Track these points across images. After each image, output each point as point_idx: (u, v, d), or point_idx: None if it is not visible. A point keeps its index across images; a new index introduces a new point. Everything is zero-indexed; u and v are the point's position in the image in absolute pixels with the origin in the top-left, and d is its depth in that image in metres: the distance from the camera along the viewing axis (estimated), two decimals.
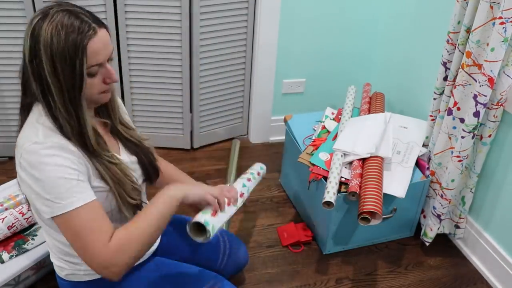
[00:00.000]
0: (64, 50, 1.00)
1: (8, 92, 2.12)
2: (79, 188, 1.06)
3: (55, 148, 1.05)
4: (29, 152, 1.04)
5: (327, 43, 2.42)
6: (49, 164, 1.04)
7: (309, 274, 1.80)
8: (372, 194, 1.61)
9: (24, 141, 1.06)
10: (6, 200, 1.69)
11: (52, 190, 1.04)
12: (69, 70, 1.02)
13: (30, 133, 1.07)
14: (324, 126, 2.03)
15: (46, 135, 1.06)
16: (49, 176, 1.03)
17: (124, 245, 1.07)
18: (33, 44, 1.01)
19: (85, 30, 1.02)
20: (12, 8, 1.93)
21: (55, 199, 1.04)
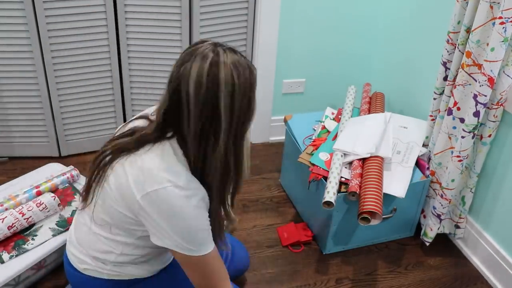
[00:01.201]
0: (245, 83, 1.03)
1: (8, 93, 2.12)
2: (209, 237, 1.13)
3: (196, 198, 1.07)
4: (170, 194, 1.05)
5: (327, 43, 2.42)
6: (188, 214, 1.06)
7: (309, 274, 1.80)
8: (372, 194, 1.61)
9: (163, 178, 1.05)
10: (6, 200, 1.69)
11: (185, 235, 1.09)
12: (247, 102, 1.05)
13: (171, 170, 1.06)
14: (324, 126, 2.03)
15: (188, 180, 1.07)
16: (185, 224, 1.07)
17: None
18: (211, 83, 1.00)
19: (252, 68, 1.06)
20: (12, 8, 1.93)
21: (186, 242, 1.09)
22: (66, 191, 1.83)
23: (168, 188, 1.05)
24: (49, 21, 1.98)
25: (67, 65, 2.11)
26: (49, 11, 1.96)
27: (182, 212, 1.06)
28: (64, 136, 2.28)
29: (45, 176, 1.87)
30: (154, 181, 1.06)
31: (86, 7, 2.00)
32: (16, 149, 2.27)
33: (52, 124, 2.23)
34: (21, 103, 2.15)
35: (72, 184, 1.88)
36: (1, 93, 2.11)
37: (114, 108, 2.29)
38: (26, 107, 2.17)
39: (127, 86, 2.25)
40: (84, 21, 2.03)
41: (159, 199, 1.05)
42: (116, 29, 2.10)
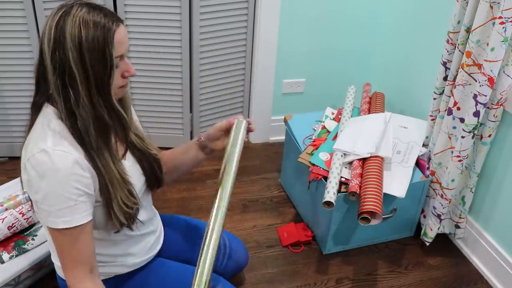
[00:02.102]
0: (94, 39, 1.00)
1: (8, 92, 2.12)
2: (76, 210, 1.07)
3: (62, 160, 1.04)
4: (37, 160, 1.03)
5: (327, 43, 2.42)
6: (53, 178, 1.03)
7: (309, 274, 1.80)
8: (372, 194, 1.61)
9: (32, 146, 1.06)
10: (6, 200, 1.69)
11: (51, 203, 1.05)
12: (98, 59, 1.02)
13: (39, 137, 1.06)
14: (324, 126, 2.03)
15: (55, 143, 1.04)
16: (51, 191, 1.04)
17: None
18: (58, 35, 1.00)
19: (110, 22, 1.03)
20: (12, 8, 1.93)
21: (50, 212, 1.06)
22: None
23: (37, 154, 1.04)
24: None
25: None
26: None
27: (47, 176, 1.03)
28: None
29: None
30: (27, 152, 1.06)
31: None
32: (16, 149, 2.27)
33: None
34: (21, 103, 2.15)
35: None
36: (1, 93, 2.11)
37: None
38: (26, 107, 2.15)
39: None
40: None
41: (30, 167, 1.04)
42: None
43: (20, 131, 2.22)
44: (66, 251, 1.10)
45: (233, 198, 2.14)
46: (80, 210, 1.08)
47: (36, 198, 1.06)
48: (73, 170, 1.04)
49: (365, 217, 1.61)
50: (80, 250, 1.11)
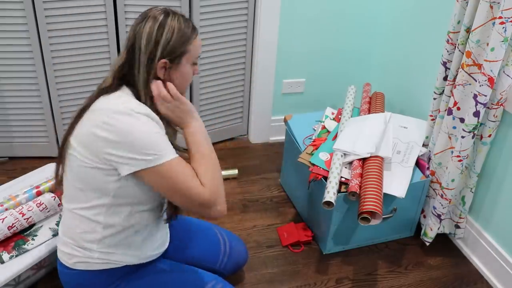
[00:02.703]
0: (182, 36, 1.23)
1: (8, 93, 2.12)
2: (167, 143, 1.20)
3: (145, 115, 1.18)
4: (121, 113, 1.16)
5: (327, 43, 2.42)
6: (142, 123, 1.16)
7: (309, 274, 1.80)
8: (372, 194, 1.61)
9: (113, 105, 1.18)
10: (6, 200, 1.69)
11: (146, 145, 1.16)
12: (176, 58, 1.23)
13: (119, 101, 1.19)
14: (324, 126, 2.03)
15: (138, 104, 1.20)
16: (144, 131, 1.16)
17: (215, 183, 1.24)
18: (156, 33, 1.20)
19: (194, 27, 1.28)
20: (12, 8, 1.93)
21: (149, 153, 1.16)
22: None
23: (119, 108, 1.17)
24: (49, 21, 1.98)
25: (67, 65, 2.11)
26: (49, 11, 1.96)
27: (135, 125, 1.15)
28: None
29: (45, 176, 1.87)
30: (106, 110, 1.18)
31: (86, 7, 2.00)
32: (16, 149, 2.27)
33: (52, 124, 2.23)
34: (21, 103, 2.15)
35: None
36: (1, 93, 2.11)
37: None
38: (26, 107, 2.17)
39: None
40: (84, 21, 2.03)
41: (114, 121, 1.15)
42: (116, 29, 2.10)
43: (20, 131, 2.22)
44: (182, 177, 1.20)
45: (233, 198, 2.14)
46: (169, 143, 1.22)
47: (126, 147, 1.15)
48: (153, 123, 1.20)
49: (365, 217, 1.60)
50: (187, 167, 1.23)
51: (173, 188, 1.20)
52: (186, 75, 1.28)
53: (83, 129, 1.21)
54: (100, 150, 1.17)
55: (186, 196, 1.21)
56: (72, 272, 1.33)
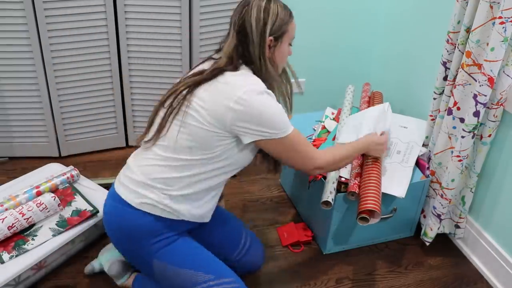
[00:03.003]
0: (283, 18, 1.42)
1: (8, 93, 2.12)
2: (287, 118, 1.40)
3: (271, 94, 1.38)
4: (256, 91, 1.33)
5: (327, 44, 2.42)
6: (272, 102, 1.36)
7: (309, 274, 1.80)
8: (371, 193, 1.61)
9: (246, 83, 1.35)
10: (6, 200, 1.70)
11: (278, 117, 1.36)
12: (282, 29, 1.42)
13: (249, 79, 1.37)
14: (324, 126, 2.03)
15: (264, 86, 1.38)
16: (274, 108, 1.36)
17: (335, 159, 1.52)
18: (263, 16, 1.38)
19: (290, 12, 1.47)
20: (12, 8, 1.93)
21: (277, 128, 1.36)
22: (66, 191, 1.83)
23: (251, 87, 1.34)
24: (49, 21, 1.99)
25: (67, 65, 2.11)
26: (49, 11, 1.97)
27: (266, 104, 1.34)
28: (64, 136, 2.28)
29: (45, 176, 1.88)
30: (240, 86, 1.33)
31: (86, 7, 2.00)
32: (16, 149, 2.27)
33: (52, 124, 2.23)
34: (21, 103, 2.15)
35: (72, 184, 1.88)
36: (1, 93, 2.11)
37: (114, 108, 2.29)
38: (26, 107, 2.17)
39: (127, 86, 2.25)
40: (84, 21, 2.03)
41: (248, 97, 1.32)
42: (116, 29, 2.10)
43: (20, 131, 2.23)
44: (301, 146, 1.43)
45: (233, 198, 2.14)
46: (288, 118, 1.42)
47: (256, 121, 1.33)
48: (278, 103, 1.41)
49: (363, 217, 1.61)
50: (304, 138, 1.45)
51: (292, 154, 1.43)
52: (285, 53, 1.47)
53: (213, 98, 1.35)
54: (230, 121, 1.33)
55: (302, 160, 1.44)
56: (132, 211, 1.42)
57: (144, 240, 1.43)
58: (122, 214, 1.44)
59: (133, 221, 1.42)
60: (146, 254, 1.45)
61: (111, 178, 2.08)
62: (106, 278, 1.70)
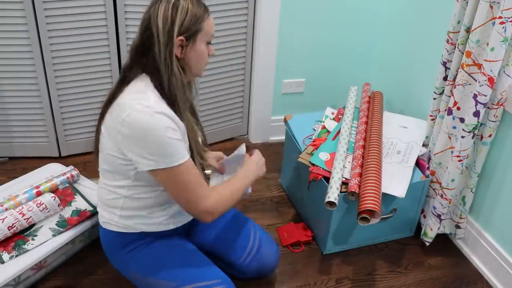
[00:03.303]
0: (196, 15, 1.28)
1: (8, 93, 2.12)
2: (182, 147, 1.28)
3: (162, 114, 1.24)
4: (141, 113, 1.22)
5: (327, 43, 2.42)
6: (157, 126, 1.22)
7: (309, 274, 1.80)
8: (371, 193, 1.61)
9: (134, 102, 1.24)
10: (6, 200, 1.69)
11: (158, 149, 1.24)
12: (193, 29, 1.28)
13: (141, 97, 1.25)
14: (324, 126, 2.03)
15: (156, 102, 1.25)
16: (159, 135, 1.22)
17: (224, 200, 1.37)
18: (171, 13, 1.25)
19: (205, 6, 1.32)
20: (12, 8, 1.93)
21: (160, 155, 1.24)
22: (66, 191, 1.83)
23: (138, 107, 1.23)
24: (49, 21, 1.99)
25: (67, 65, 2.11)
26: (49, 11, 1.97)
27: (153, 127, 1.22)
28: (64, 136, 2.28)
29: (45, 176, 1.88)
30: (127, 107, 1.24)
31: (86, 7, 2.00)
32: (16, 149, 2.27)
33: (52, 124, 2.23)
34: (21, 103, 2.15)
35: (72, 184, 1.88)
36: (1, 93, 2.11)
37: None
38: (26, 107, 2.17)
39: None
40: (84, 21, 2.03)
41: (132, 120, 1.23)
42: (116, 29, 2.10)
43: (20, 131, 2.22)
44: (188, 185, 1.30)
45: None
46: (184, 147, 1.30)
47: (142, 146, 1.24)
48: (170, 125, 1.25)
49: (364, 217, 1.60)
50: (196, 175, 1.32)
51: (179, 189, 1.31)
52: (201, 54, 1.33)
53: (108, 121, 1.31)
54: (121, 144, 1.28)
55: (190, 198, 1.32)
56: (101, 229, 1.52)
57: (117, 252, 1.50)
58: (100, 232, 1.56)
59: (104, 237, 1.53)
60: (123, 266, 1.51)
61: None
62: (106, 278, 1.70)
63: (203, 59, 1.35)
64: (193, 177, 1.30)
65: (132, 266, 1.48)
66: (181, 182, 1.29)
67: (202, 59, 1.35)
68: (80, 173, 1.94)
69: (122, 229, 1.47)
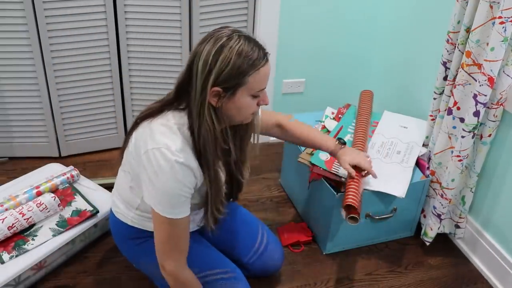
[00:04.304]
0: (239, 68, 1.15)
1: (8, 93, 2.12)
2: (184, 204, 1.26)
3: (183, 165, 1.20)
4: (162, 155, 1.18)
5: (327, 43, 2.42)
6: (171, 176, 1.19)
7: (309, 274, 1.80)
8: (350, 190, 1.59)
9: (162, 141, 1.20)
10: (6, 200, 1.70)
11: (163, 195, 1.22)
12: (235, 80, 1.16)
13: (168, 136, 1.21)
14: (324, 125, 2.03)
15: (182, 149, 1.20)
16: (166, 185, 1.20)
17: (184, 283, 1.34)
18: (211, 59, 1.13)
19: (260, 57, 1.19)
20: (12, 8, 1.93)
21: (161, 201, 1.23)
22: (66, 191, 1.83)
23: (162, 150, 1.19)
24: (49, 21, 1.99)
25: (67, 65, 2.11)
26: (49, 11, 1.97)
27: (167, 172, 1.19)
28: (64, 136, 2.28)
29: (45, 176, 1.88)
30: (154, 141, 1.20)
31: (86, 7, 2.00)
32: (16, 149, 2.27)
33: (52, 124, 2.23)
34: (21, 103, 2.15)
35: (72, 184, 1.88)
36: (1, 93, 2.11)
37: (114, 108, 2.29)
38: (26, 107, 2.17)
39: (127, 86, 2.25)
40: (84, 21, 2.03)
41: (152, 157, 1.20)
42: (116, 29, 2.10)
43: (20, 131, 2.23)
44: (171, 239, 1.27)
45: None
46: (188, 204, 1.27)
47: (149, 182, 1.23)
48: (189, 173, 1.21)
49: (352, 217, 1.57)
50: (183, 238, 1.30)
51: (160, 239, 1.29)
52: (243, 107, 1.22)
53: (139, 136, 1.28)
54: (134, 167, 1.31)
55: (160, 253, 1.30)
56: (113, 216, 1.53)
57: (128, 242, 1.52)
58: (110, 219, 1.58)
59: (115, 226, 1.54)
60: (133, 255, 1.53)
61: (111, 178, 2.08)
62: (106, 278, 1.70)
63: (245, 111, 1.23)
64: (178, 234, 1.28)
65: (143, 256, 1.49)
66: (165, 231, 1.27)
67: (244, 111, 1.23)
68: (80, 173, 1.94)
69: (136, 225, 1.47)
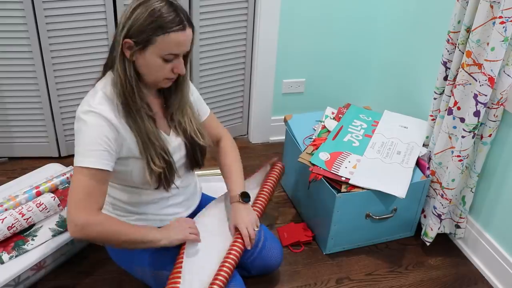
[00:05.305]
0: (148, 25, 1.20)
1: (8, 93, 2.12)
2: (100, 154, 1.23)
3: (97, 114, 1.23)
4: (82, 109, 1.25)
5: (327, 43, 2.42)
6: (87, 124, 1.23)
7: (309, 274, 1.80)
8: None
9: (84, 100, 1.28)
10: (5, 200, 1.69)
11: (78, 145, 1.25)
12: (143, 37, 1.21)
13: (90, 95, 1.28)
14: (324, 125, 2.03)
15: (100, 103, 1.25)
16: (82, 132, 1.24)
17: (98, 228, 1.25)
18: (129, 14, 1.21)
19: (174, 22, 1.20)
20: (12, 8, 1.93)
21: (78, 151, 1.24)
22: (66, 192, 1.83)
23: (83, 106, 1.26)
24: (49, 21, 1.98)
25: (67, 65, 2.11)
26: (49, 11, 1.96)
27: (82, 120, 1.24)
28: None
29: (45, 176, 1.87)
30: (80, 106, 1.28)
31: (86, 7, 2.00)
32: (16, 149, 2.27)
33: (52, 124, 2.23)
34: (21, 103, 2.15)
35: None
36: (1, 93, 2.11)
37: None
38: (26, 107, 2.17)
39: None
40: (84, 21, 2.03)
41: (77, 116, 1.27)
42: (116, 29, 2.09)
43: (20, 131, 2.22)
44: (85, 190, 1.23)
45: None
46: (106, 158, 1.25)
47: (75, 141, 1.25)
48: (102, 127, 1.23)
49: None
50: (98, 194, 1.26)
51: (73, 193, 1.24)
52: (152, 67, 1.25)
53: None
54: None
55: (71, 209, 1.24)
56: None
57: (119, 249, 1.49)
58: None
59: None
60: (126, 262, 1.52)
61: None
62: (106, 278, 1.70)
63: (155, 72, 1.26)
64: (93, 186, 1.23)
65: (137, 262, 1.48)
66: (79, 182, 1.23)
67: (153, 71, 1.26)
68: None
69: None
